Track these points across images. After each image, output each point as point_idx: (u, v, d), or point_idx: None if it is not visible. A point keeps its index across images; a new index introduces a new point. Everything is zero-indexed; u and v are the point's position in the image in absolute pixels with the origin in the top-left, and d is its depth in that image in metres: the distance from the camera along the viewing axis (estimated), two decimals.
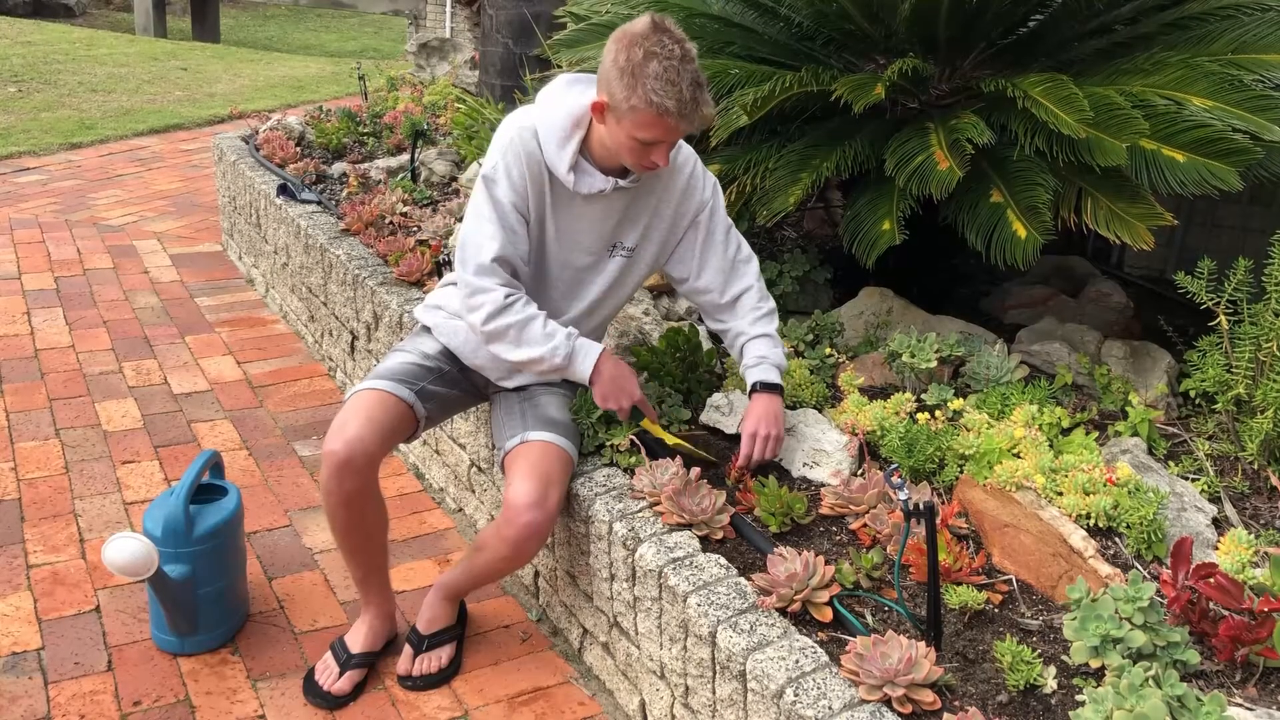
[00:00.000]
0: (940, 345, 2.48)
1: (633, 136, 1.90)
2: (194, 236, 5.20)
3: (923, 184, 2.30)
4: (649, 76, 1.83)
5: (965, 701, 1.55)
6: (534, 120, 2.02)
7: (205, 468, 2.21)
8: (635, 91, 1.84)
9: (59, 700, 2.05)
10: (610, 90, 1.89)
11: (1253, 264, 2.15)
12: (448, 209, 3.69)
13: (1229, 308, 2.15)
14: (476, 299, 2.00)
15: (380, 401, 2.05)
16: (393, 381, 2.09)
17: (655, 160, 1.95)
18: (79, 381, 3.47)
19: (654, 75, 1.83)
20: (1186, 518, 1.97)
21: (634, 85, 1.84)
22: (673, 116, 1.85)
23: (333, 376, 3.62)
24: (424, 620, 2.17)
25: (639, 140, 1.91)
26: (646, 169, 1.99)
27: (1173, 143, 2.19)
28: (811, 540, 1.95)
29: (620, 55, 1.86)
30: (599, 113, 1.94)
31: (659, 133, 1.89)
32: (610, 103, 1.90)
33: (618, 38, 1.89)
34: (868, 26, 2.69)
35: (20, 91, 8.49)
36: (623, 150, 1.95)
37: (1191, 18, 2.59)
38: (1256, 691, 1.56)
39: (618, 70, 1.86)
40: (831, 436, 2.19)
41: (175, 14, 15.18)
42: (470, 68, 6.52)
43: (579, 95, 2.01)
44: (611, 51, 1.89)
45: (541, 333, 2.01)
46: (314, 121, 5.11)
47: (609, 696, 2.12)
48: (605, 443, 2.17)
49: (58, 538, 2.59)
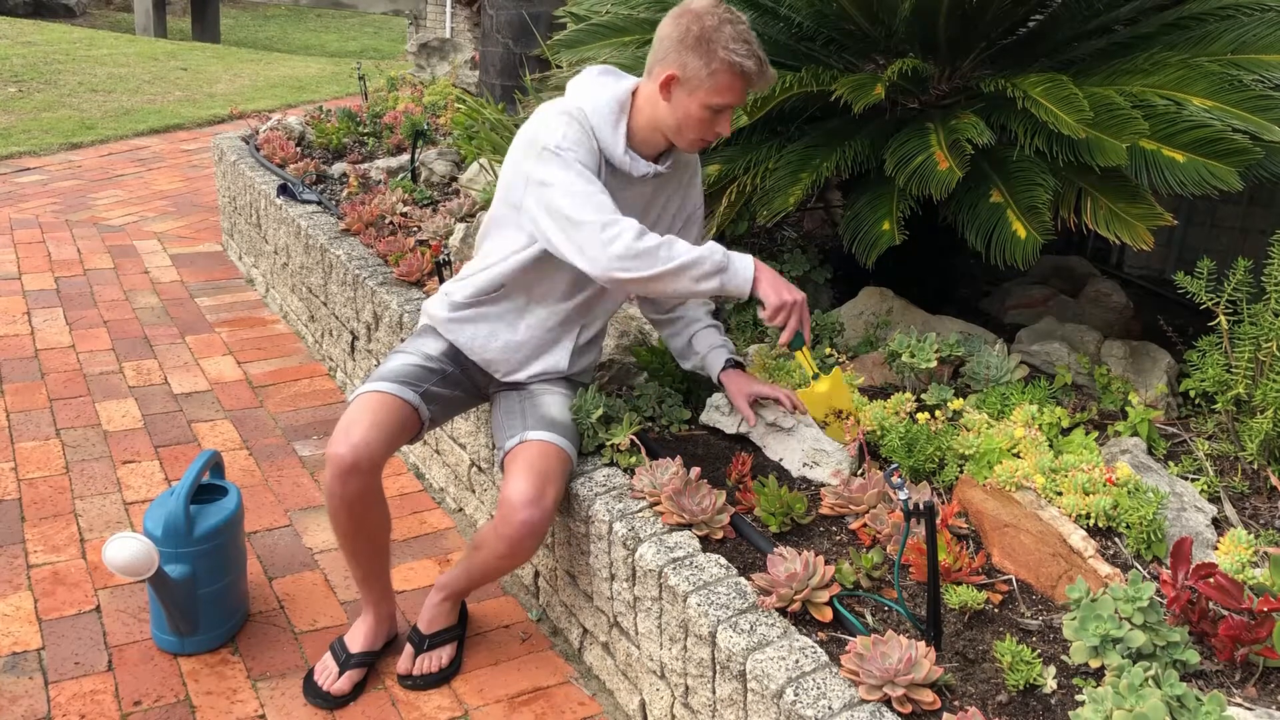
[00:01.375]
0: (940, 345, 2.49)
1: (706, 105, 1.97)
2: (194, 236, 5.20)
3: (922, 184, 2.30)
4: (728, 39, 1.92)
5: (965, 701, 1.55)
6: (579, 105, 2.03)
7: (205, 468, 2.22)
8: (715, 55, 1.92)
9: (59, 700, 2.05)
10: (683, 61, 1.95)
11: (1252, 264, 2.15)
12: (448, 209, 3.69)
13: (1229, 308, 2.15)
14: (611, 230, 1.91)
15: (385, 404, 2.04)
16: (397, 383, 2.08)
17: (720, 130, 2.02)
18: (79, 381, 3.47)
19: (731, 38, 1.93)
20: (1186, 518, 1.97)
21: (712, 50, 1.92)
22: (753, 76, 1.95)
23: (333, 376, 3.62)
24: (425, 620, 2.17)
25: (711, 107, 1.97)
26: (706, 141, 2.05)
27: (1173, 143, 2.19)
28: (811, 540, 1.95)
29: (692, 26, 1.94)
30: (666, 88, 1.99)
31: (734, 96, 1.97)
32: (682, 74, 1.96)
33: (679, 14, 1.97)
34: (868, 26, 2.69)
35: (20, 91, 8.49)
36: (688, 123, 2.00)
37: (1191, 18, 2.59)
38: (1256, 691, 1.56)
39: (692, 39, 1.94)
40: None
41: (175, 14, 15.19)
42: (470, 68, 6.52)
43: (616, 82, 2.07)
44: (677, 27, 1.96)
45: (686, 244, 1.96)
46: (314, 121, 5.11)
47: (609, 696, 2.12)
48: (605, 443, 2.17)
49: (58, 538, 2.59)
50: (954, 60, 2.73)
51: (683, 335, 2.34)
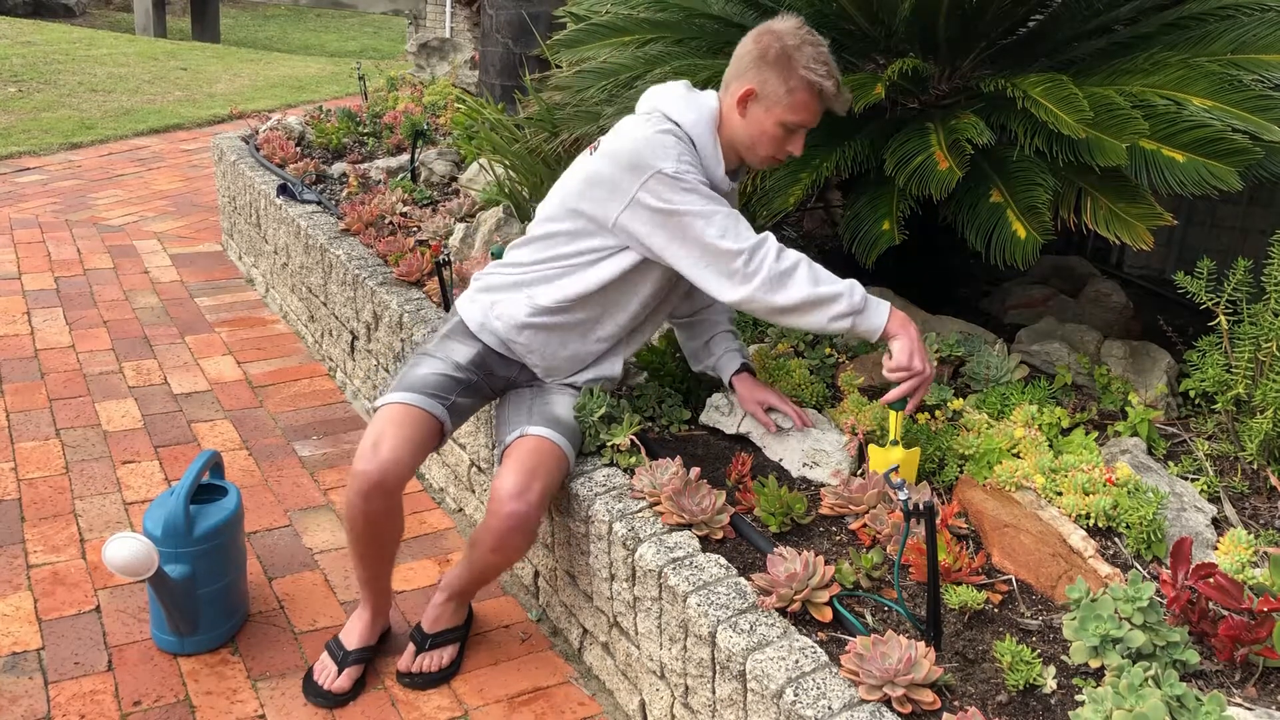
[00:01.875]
0: (940, 345, 2.49)
1: (781, 123, 2.01)
2: (194, 236, 5.20)
3: (922, 184, 2.30)
4: (808, 60, 1.98)
5: (965, 701, 1.55)
6: (678, 121, 2.04)
7: (205, 468, 2.22)
8: (794, 74, 1.98)
9: (59, 700, 2.05)
10: (762, 78, 1.99)
11: (1252, 264, 2.15)
12: (448, 209, 3.69)
13: (1229, 308, 2.15)
14: (758, 255, 1.93)
15: (412, 418, 2.02)
16: (426, 396, 2.05)
17: (791, 150, 2.06)
18: (79, 381, 3.47)
19: (811, 59, 1.98)
20: (1186, 518, 1.97)
21: (792, 69, 1.98)
22: (830, 96, 2.01)
23: (333, 376, 3.62)
24: (429, 619, 2.17)
25: (786, 126, 2.01)
26: (778, 160, 2.09)
27: (1172, 143, 2.19)
28: (811, 540, 1.95)
29: (773, 44, 1.99)
30: (743, 103, 2.02)
31: (809, 115, 2.02)
32: (760, 90, 2.00)
33: (762, 31, 2.02)
34: (868, 26, 2.69)
35: (20, 91, 8.49)
36: (762, 140, 2.03)
37: (1191, 18, 2.59)
38: (1256, 691, 1.56)
39: (773, 56, 1.98)
40: (831, 436, 2.19)
41: (175, 14, 15.19)
42: (470, 68, 6.52)
43: (705, 100, 2.09)
44: (759, 44, 2.01)
45: (828, 272, 1.97)
46: (314, 121, 5.11)
47: (609, 696, 2.12)
48: (606, 443, 2.17)
49: (58, 538, 2.59)
50: (954, 60, 2.73)
51: (701, 338, 2.34)
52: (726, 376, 2.29)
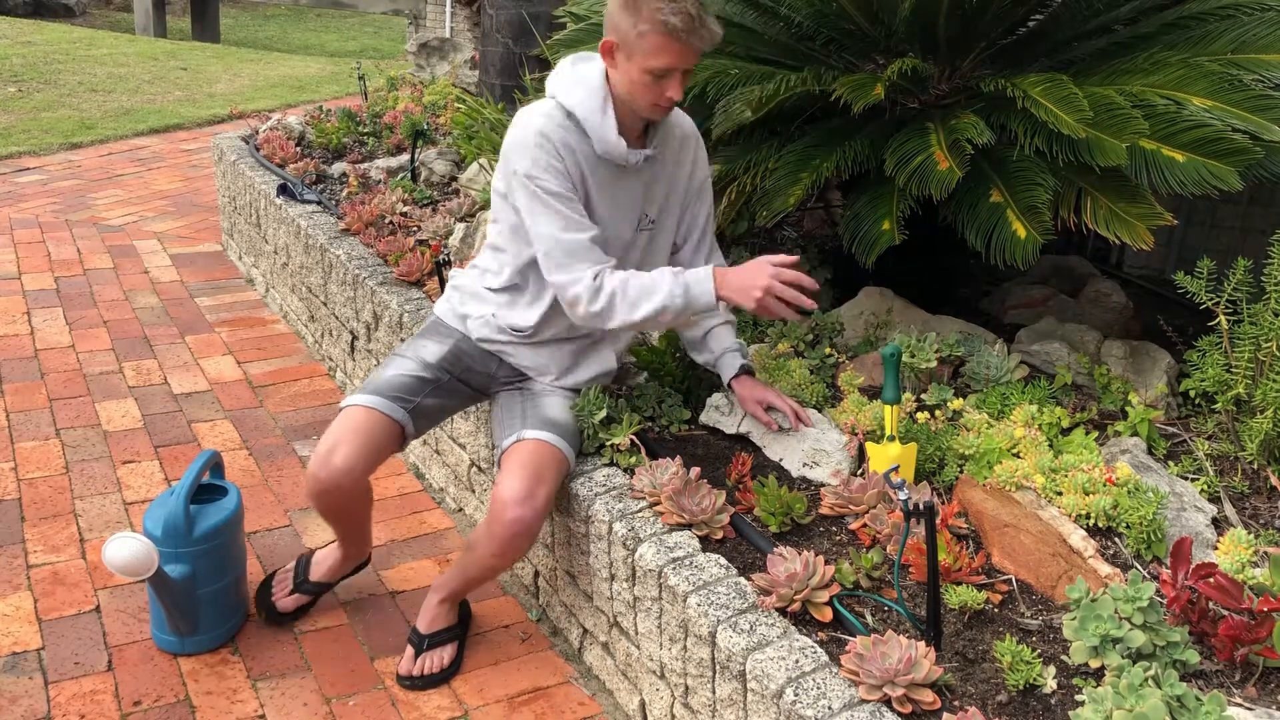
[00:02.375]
0: (940, 345, 2.49)
1: (645, 69, 1.93)
2: (194, 236, 5.20)
3: (922, 184, 2.30)
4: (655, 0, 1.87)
5: (965, 701, 1.55)
6: (561, 103, 2.02)
7: (205, 468, 2.22)
8: (641, 16, 1.89)
9: (59, 700, 2.05)
10: (617, 26, 1.93)
11: (1252, 264, 2.15)
12: (448, 209, 3.69)
13: (1229, 308, 2.15)
14: (570, 293, 1.99)
15: (372, 424, 2.07)
16: (388, 400, 2.09)
17: (670, 95, 1.97)
18: (79, 381, 3.47)
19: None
20: (1186, 518, 1.97)
21: (639, 12, 1.89)
22: (681, 34, 1.89)
23: (333, 376, 3.62)
24: (424, 620, 2.17)
25: (651, 72, 1.93)
26: (662, 107, 2.00)
27: (1172, 143, 2.19)
28: (811, 540, 1.95)
29: None
30: (609, 54, 1.97)
31: (670, 58, 1.91)
32: (618, 39, 1.94)
33: None
34: (867, 26, 2.69)
35: (20, 91, 8.49)
36: (636, 90, 1.97)
37: (1191, 18, 2.59)
38: (1256, 691, 1.56)
39: (620, 5, 1.91)
40: (831, 436, 2.19)
41: (175, 14, 15.19)
42: (470, 68, 6.52)
43: (591, 66, 2.04)
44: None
45: (647, 284, 1.97)
46: (314, 121, 5.11)
47: (609, 696, 2.12)
48: (605, 443, 2.17)
49: (58, 538, 2.59)
50: (954, 60, 2.73)
51: (698, 328, 2.33)
52: (726, 378, 2.28)
